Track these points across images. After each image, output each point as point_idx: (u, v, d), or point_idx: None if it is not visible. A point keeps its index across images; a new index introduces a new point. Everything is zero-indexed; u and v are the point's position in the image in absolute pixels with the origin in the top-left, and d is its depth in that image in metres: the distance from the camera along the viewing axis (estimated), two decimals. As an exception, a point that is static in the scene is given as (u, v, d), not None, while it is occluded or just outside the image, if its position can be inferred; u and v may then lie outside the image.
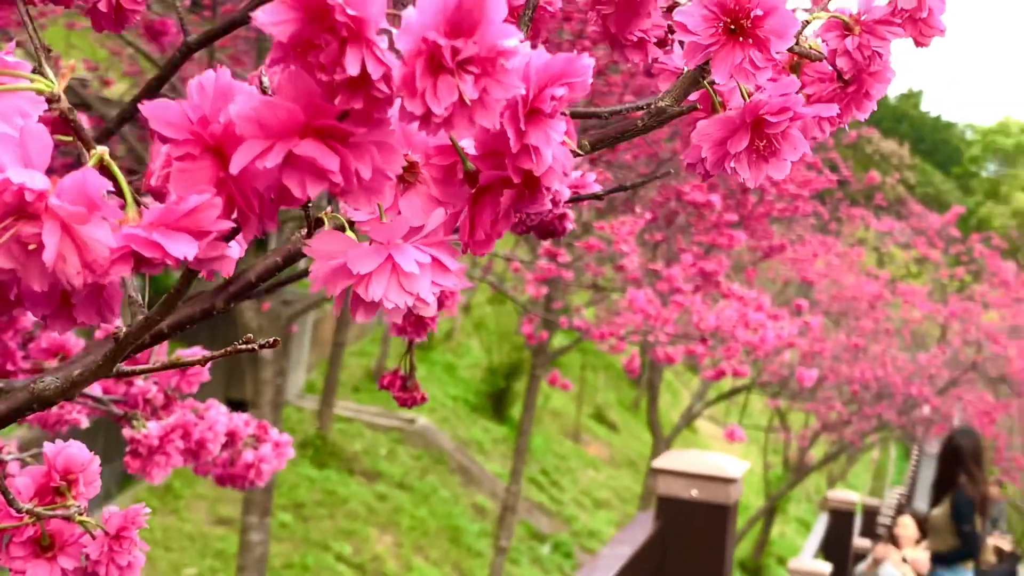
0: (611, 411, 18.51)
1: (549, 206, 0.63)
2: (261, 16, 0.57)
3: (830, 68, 1.07)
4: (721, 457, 4.45)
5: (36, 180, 0.54)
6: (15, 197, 0.54)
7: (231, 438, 1.94)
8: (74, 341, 1.83)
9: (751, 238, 9.21)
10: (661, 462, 4.35)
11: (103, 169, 0.60)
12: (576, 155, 0.65)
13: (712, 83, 0.91)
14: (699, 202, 7.42)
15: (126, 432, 1.72)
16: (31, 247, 0.55)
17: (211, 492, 10.04)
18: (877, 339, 12.88)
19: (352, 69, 0.56)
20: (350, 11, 0.56)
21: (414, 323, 1.43)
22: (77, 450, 1.04)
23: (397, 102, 0.59)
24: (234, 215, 0.61)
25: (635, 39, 1.14)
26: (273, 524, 9.34)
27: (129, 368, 0.79)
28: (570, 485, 14.61)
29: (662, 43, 1.19)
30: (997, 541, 8.80)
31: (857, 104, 1.10)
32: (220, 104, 0.59)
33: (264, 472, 2.03)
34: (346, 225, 0.74)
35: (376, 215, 0.67)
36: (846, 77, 1.07)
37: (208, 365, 1.49)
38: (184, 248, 0.56)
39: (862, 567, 7.42)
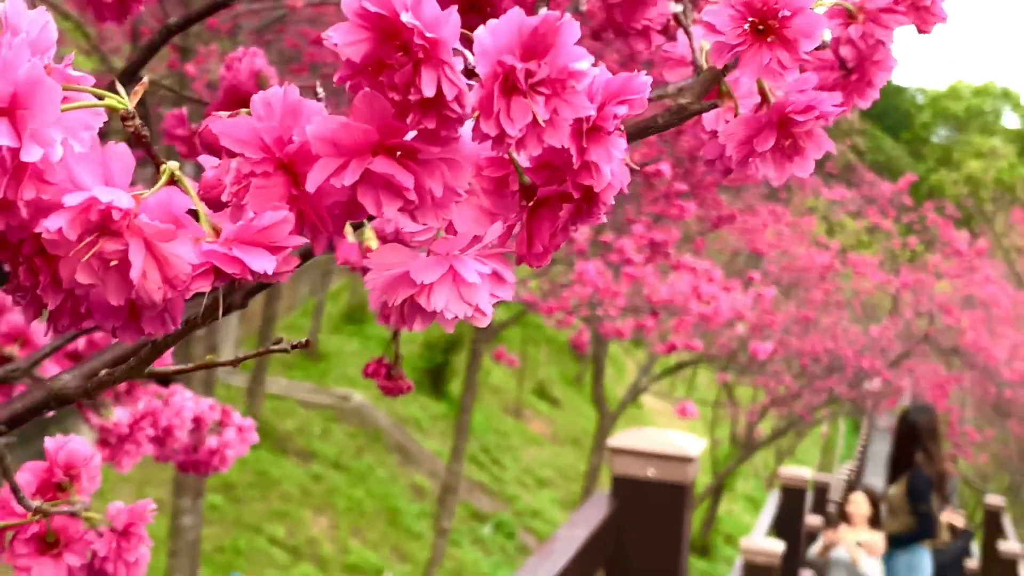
0: (554, 386, 18.67)
1: (605, 220, 0.68)
2: (335, 36, 0.61)
3: (832, 56, 1.12)
4: (678, 435, 4.53)
5: (122, 199, 0.58)
6: (101, 215, 0.58)
7: (196, 424, 1.98)
8: (35, 325, 1.85)
9: (700, 208, 9.29)
10: (616, 441, 4.42)
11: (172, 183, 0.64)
12: (633, 171, 0.70)
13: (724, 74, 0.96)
14: (649, 171, 7.48)
15: (94, 420, 1.74)
16: (112, 263, 0.59)
17: (136, 474, 10.00)
18: (828, 311, 13.07)
19: (428, 91, 0.60)
20: (428, 34, 0.60)
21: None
22: (79, 445, 1.07)
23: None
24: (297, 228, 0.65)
25: (640, 27, 1.19)
26: (203, 506, 9.33)
27: (162, 369, 0.83)
28: (512, 463, 14.72)
29: (665, 31, 1.24)
30: (950, 518, 9.01)
31: (859, 92, 1.15)
32: (289, 122, 0.63)
33: (228, 458, 2.07)
34: (366, 228, 0.78)
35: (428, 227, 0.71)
36: (849, 65, 1.12)
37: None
38: (263, 263, 0.60)
39: (813, 551, 7.59)
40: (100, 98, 0.62)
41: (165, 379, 1.79)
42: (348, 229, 0.71)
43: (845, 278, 13.89)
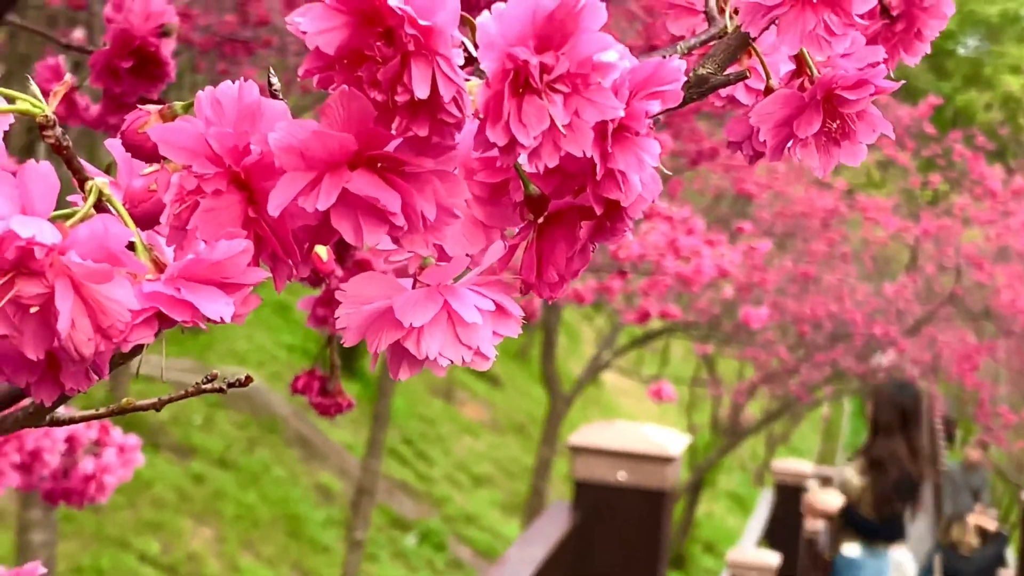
0: (494, 362, 18.66)
1: (631, 237, 0.69)
2: (304, 23, 0.61)
3: (874, 1, 1.14)
4: (654, 430, 4.59)
5: (46, 232, 0.58)
6: (19, 253, 0.58)
7: (69, 444, 1.98)
8: None
9: (675, 141, 9.32)
10: (579, 438, 4.47)
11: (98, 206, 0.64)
12: (665, 177, 0.71)
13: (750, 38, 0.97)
14: (614, 96, 7.49)
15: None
16: (32, 310, 0.59)
17: (-29, 477, 9.91)
18: (831, 266, 13.15)
19: (420, 90, 0.61)
20: (421, 21, 0.60)
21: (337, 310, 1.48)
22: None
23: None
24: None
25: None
26: (57, 518, 9.29)
27: (67, 415, 0.83)
28: (441, 457, 14.77)
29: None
30: (980, 519, 9.16)
31: (906, 46, 1.17)
32: (246, 126, 0.63)
33: (107, 485, 2.08)
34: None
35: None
36: (894, 13, 1.13)
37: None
38: (219, 307, 0.61)
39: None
40: (11, 100, 0.62)
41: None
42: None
43: (853, 226, 13.99)
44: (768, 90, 1.00)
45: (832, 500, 6.62)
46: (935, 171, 14.78)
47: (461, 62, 0.62)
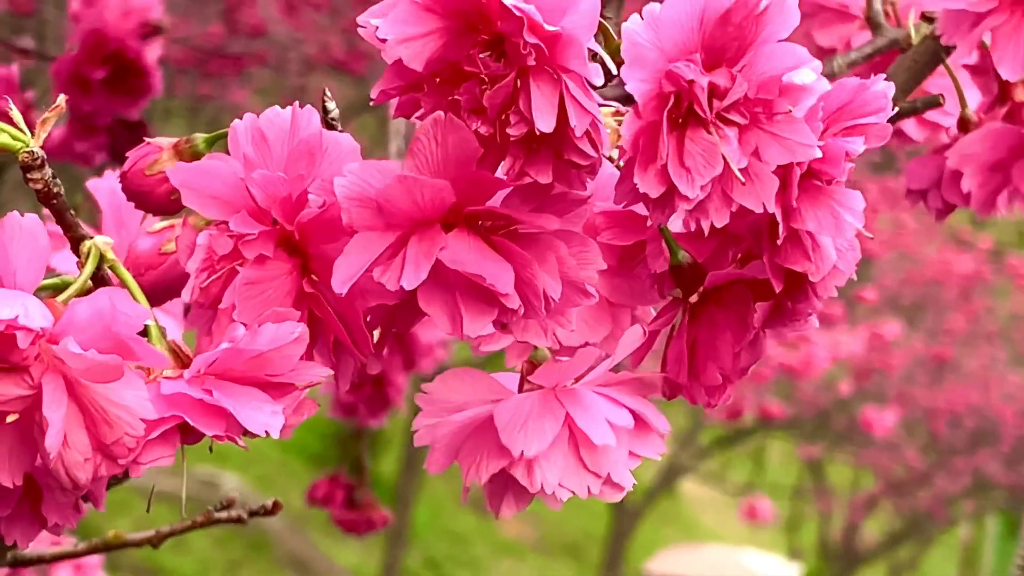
0: (539, 464, 18.61)
1: (816, 325, 0.64)
2: (383, 28, 0.56)
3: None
4: (754, 557, 4.54)
5: (33, 313, 0.53)
6: (-3, 341, 0.53)
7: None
8: None
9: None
10: (658, 565, 4.44)
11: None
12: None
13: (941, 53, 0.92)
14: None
15: None
16: (9, 419, 0.54)
17: None
18: (973, 347, 13.06)
19: (543, 121, 0.55)
20: (547, 27, 0.55)
21: (369, 395, 1.45)
22: None
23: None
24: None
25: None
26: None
27: (35, 553, 0.79)
28: (474, 585, 14.72)
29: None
30: None
31: None
32: (301, 169, 0.58)
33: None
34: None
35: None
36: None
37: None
38: (264, 417, 0.56)
39: None
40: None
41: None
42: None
43: (1000, 295, 13.90)
44: (964, 123, 0.95)
45: None
46: (1106, 227, 14.70)
47: (600, 83, 0.57)
